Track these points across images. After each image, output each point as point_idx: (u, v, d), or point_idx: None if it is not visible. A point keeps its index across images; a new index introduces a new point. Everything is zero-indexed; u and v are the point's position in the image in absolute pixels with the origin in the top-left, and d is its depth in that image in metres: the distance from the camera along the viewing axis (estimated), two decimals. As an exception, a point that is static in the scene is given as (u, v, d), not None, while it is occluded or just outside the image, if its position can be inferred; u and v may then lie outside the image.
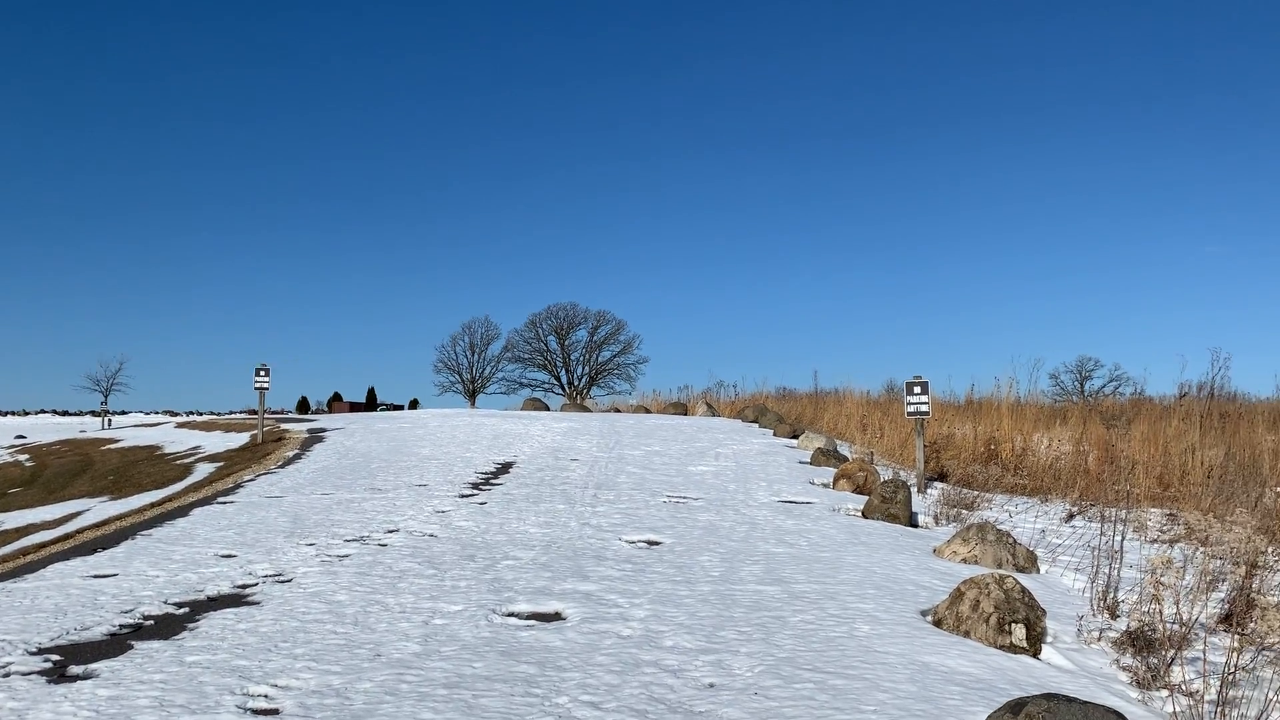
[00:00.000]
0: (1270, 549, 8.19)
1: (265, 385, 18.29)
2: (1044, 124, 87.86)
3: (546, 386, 63.51)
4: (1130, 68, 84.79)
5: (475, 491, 10.99)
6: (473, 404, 60.56)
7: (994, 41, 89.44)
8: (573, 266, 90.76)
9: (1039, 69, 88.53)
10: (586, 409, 27.25)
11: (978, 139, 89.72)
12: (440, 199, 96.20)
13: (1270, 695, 4.75)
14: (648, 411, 25.98)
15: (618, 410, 27.27)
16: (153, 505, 11.86)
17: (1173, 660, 5.25)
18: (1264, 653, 5.46)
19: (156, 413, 75.16)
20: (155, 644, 5.35)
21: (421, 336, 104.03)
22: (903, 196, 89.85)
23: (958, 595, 5.74)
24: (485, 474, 12.45)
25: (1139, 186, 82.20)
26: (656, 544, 8.05)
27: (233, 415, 32.45)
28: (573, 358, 63.94)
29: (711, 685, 4.55)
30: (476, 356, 65.02)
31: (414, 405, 68.62)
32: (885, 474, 12.76)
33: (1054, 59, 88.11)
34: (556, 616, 5.85)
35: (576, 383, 63.22)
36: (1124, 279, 79.47)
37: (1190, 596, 5.87)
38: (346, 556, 7.61)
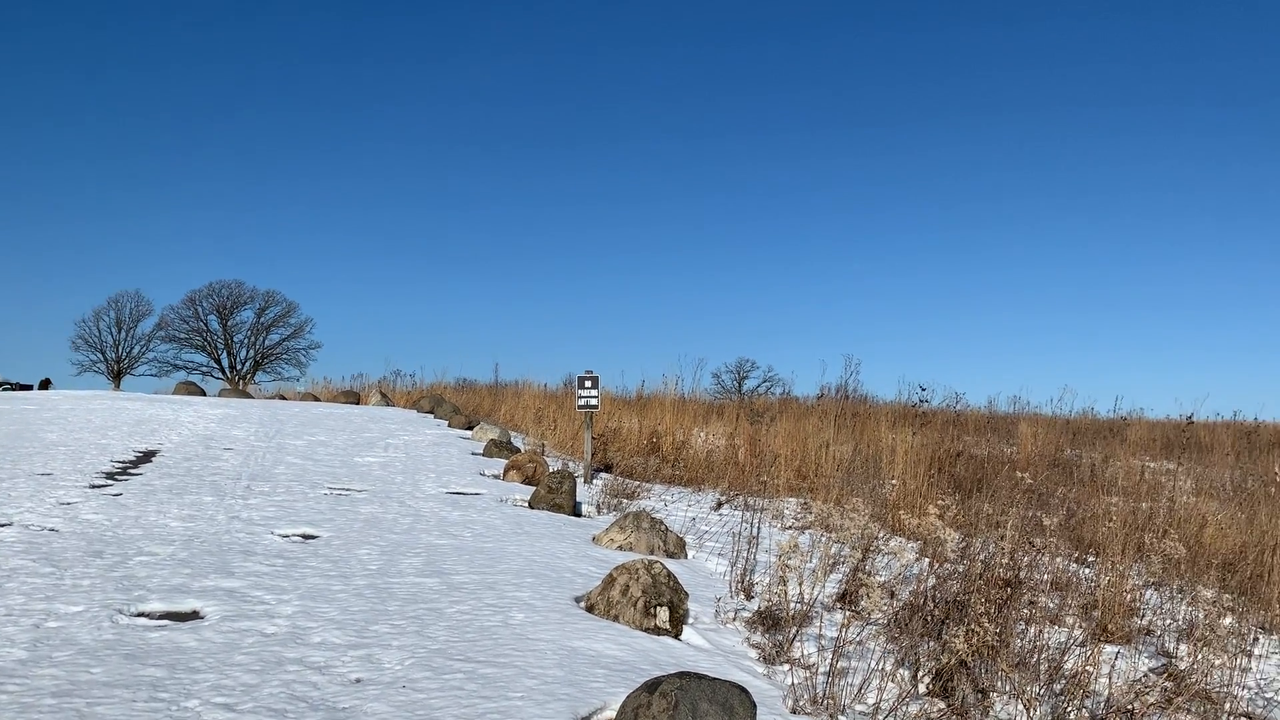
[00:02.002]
0: (882, 534, 9.24)
1: None
2: (740, 136, 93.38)
3: (205, 370, 58.92)
4: (797, 97, 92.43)
5: (110, 482, 9.99)
6: (117, 386, 55.05)
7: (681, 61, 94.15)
8: (239, 243, 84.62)
9: (729, 86, 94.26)
10: (248, 395, 25.60)
11: (673, 147, 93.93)
12: (83, 162, 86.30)
13: (873, 664, 5.36)
14: (316, 399, 24.89)
15: (283, 397, 25.84)
16: None
17: (795, 636, 5.78)
18: (869, 626, 6.15)
19: None
20: None
21: (58, 309, 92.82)
22: (594, 199, 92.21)
23: (610, 581, 5.98)
24: (123, 463, 11.35)
25: (804, 209, 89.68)
26: (313, 538, 7.72)
27: None
28: (236, 340, 59.80)
29: (359, 680, 4.43)
30: (124, 334, 59.00)
31: (45, 385, 61.17)
32: (556, 465, 13.04)
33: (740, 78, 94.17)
34: (194, 615, 5.44)
35: (239, 367, 59.29)
36: (785, 288, 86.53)
37: (813, 578, 6.48)
38: (-58, 555, 6.65)
